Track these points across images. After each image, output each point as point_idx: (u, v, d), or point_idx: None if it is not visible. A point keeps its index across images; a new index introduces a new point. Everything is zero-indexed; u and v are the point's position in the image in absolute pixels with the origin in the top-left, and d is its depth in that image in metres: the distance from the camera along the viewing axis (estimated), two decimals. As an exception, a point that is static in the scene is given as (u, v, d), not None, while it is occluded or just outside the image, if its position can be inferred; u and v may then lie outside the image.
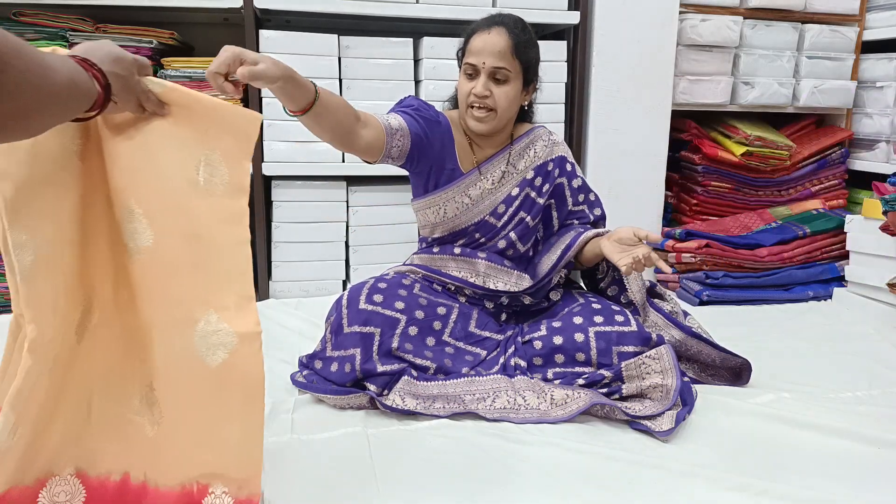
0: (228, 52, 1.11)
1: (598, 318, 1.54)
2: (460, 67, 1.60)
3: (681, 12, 2.44)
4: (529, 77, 1.60)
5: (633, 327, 1.53)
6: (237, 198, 0.96)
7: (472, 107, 1.56)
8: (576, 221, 1.73)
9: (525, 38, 1.55)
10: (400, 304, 1.52)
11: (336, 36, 2.21)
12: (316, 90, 1.31)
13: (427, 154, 1.59)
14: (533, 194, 1.66)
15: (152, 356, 1.01)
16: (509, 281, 1.66)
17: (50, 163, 0.94)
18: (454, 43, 2.26)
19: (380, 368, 1.44)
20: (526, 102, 1.66)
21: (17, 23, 2.05)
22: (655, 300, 1.73)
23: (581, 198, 1.73)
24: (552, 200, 1.71)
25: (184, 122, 0.96)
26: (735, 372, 1.63)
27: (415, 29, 2.41)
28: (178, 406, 1.00)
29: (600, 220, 1.76)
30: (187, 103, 0.96)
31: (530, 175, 1.66)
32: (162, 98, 0.95)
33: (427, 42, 2.25)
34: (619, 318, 1.55)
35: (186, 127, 0.96)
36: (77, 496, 1.00)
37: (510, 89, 1.55)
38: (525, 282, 1.66)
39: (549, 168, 1.68)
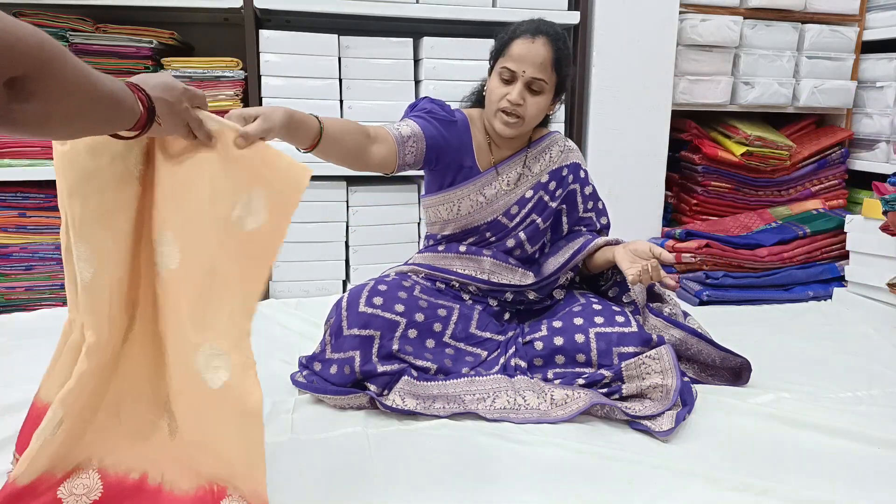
0: (233, 117, 1.06)
1: (599, 319, 1.54)
2: (492, 67, 1.59)
3: (681, 12, 2.44)
4: (561, 90, 1.60)
5: (634, 328, 1.53)
6: (268, 242, 0.96)
7: (503, 111, 1.55)
8: (583, 228, 1.75)
9: (566, 53, 1.55)
10: (400, 307, 1.52)
11: (336, 36, 2.21)
12: (320, 125, 1.29)
13: (445, 153, 1.60)
14: (546, 198, 1.67)
15: (168, 370, 1.05)
16: (514, 277, 1.67)
17: (115, 185, 1.02)
18: (454, 43, 2.27)
19: (380, 368, 1.44)
20: (551, 112, 1.67)
21: (17, 23, 2.06)
22: (654, 304, 1.73)
23: (590, 205, 1.75)
24: (564, 206, 1.72)
25: (234, 161, 0.98)
26: (735, 372, 1.62)
27: (415, 29, 2.41)
28: (187, 419, 1.04)
29: (605, 229, 1.78)
30: (232, 150, 0.98)
31: (545, 178, 1.67)
32: (216, 135, 0.99)
33: (427, 42, 2.25)
34: (620, 318, 1.55)
35: (235, 166, 0.98)
36: (94, 491, 1.03)
37: (542, 100, 1.55)
38: (529, 278, 1.67)
39: (564, 174, 1.69)
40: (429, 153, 1.56)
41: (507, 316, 1.71)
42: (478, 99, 1.72)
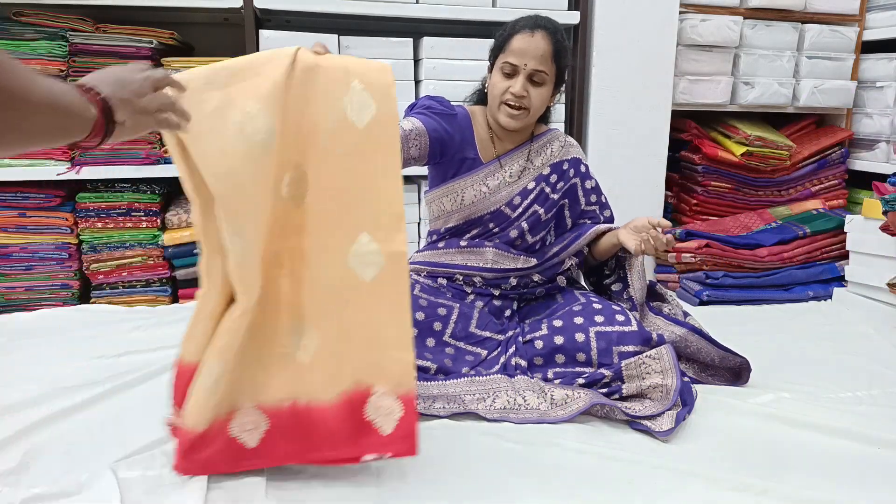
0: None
1: (599, 318, 1.55)
2: (493, 63, 1.63)
3: (681, 12, 2.44)
4: (560, 81, 1.65)
5: (634, 327, 1.53)
6: (386, 128, 1.12)
7: (508, 104, 1.59)
8: (587, 221, 1.78)
9: (565, 45, 1.60)
10: None
11: (336, 36, 2.21)
12: None
13: (449, 146, 1.63)
14: (547, 189, 1.69)
15: (309, 289, 1.16)
16: (517, 264, 1.69)
17: (258, 151, 1.08)
18: (454, 43, 2.27)
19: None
20: (552, 104, 1.70)
21: (17, 23, 2.06)
22: (655, 303, 1.73)
23: (593, 198, 1.77)
24: (566, 200, 1.74)
25: (324, 71, 1.12)
26: (735, 372, 1.63)
27: (415, 29, 2.40)
28: (338, 323, 1.15)
29: (609, 221, 1.80)
30: (315, 62, 1.12)
31: (546, 171, 1.70)
32: (298, 60, 1.10)
33: (427, 42, 2.25)
34: (620, 317, 1.55)
35: (326, 73, 1.12)
36: (262, 423, 1.16)
37: (544, 91, 1.60)
38: (533, 262, 1.70)
39: (565, 168, 1.72)
40: (433, 146, 1.59)
41: (507, 313, 1.71)
42: (480, 97, 1.75)
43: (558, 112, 2.40)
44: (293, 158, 1.13)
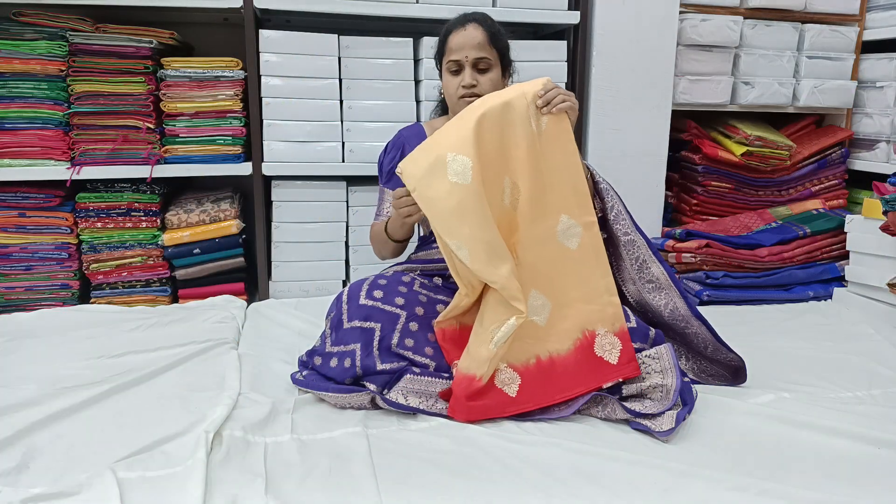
0: None
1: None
2: (440, 69, 1.72)
3: (681, 12, 2.44)
4: (506, 63, 1.73)
5: (633, 323, 1.53)
6: (558, 128, 1.48)
7: (463, 98, 1.64)
8: None
9: (497, 28, 1.69)
10: (400, 300, 1.53)
11: (336, 36, 2.21)
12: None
13: None
14: None
15: (533, 267, 1.46)
16: None
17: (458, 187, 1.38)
18: (454, 43, 2.27)
19: (380, 366, 1.44)
20: (505, 85, 1.74)
21: (17, 23, 2.06)
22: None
23: None
24: None
25: (510, 108, 1.44)
26: (733, 371, 1.63)
27: (415, 29, 2.41)
28: (561, 288, 1.48)
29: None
30: (506, 100, 1.45)
31: None
32: (492, 104, 1.44)
33: (427, 42, 2.25)
34: (620, 315, 1.56)
35: (513, 108, 1.44)
36: (515, 380, 1.44)
37: (493, 75, 1.67)
38: None
39: None
40: None
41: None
42: (444, 109, 1.82)
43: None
44: (503, 174, 1.45)
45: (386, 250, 1.75)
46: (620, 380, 1.44)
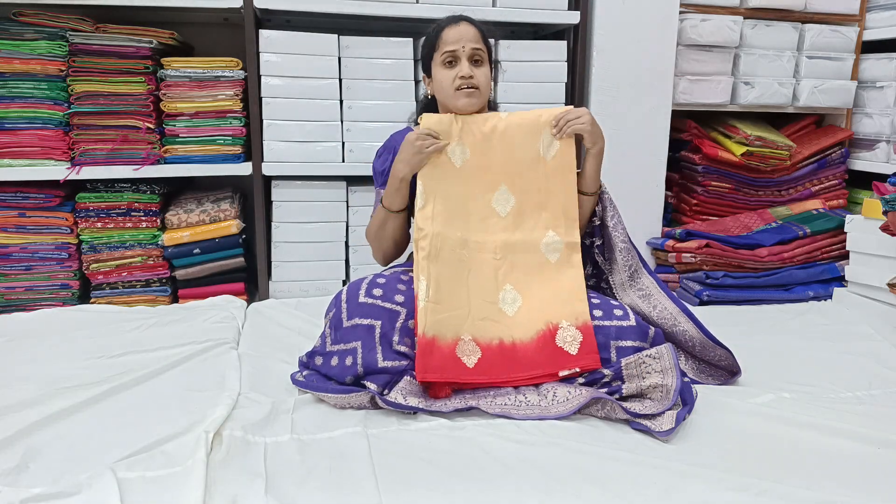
0: None
1: (598, 313, 1.56)
2: (429, 68, 1.70)
3: (681, 12, 2.44)
4: (493, 61, 1.78)
5: (632, 322, 1.53)
6: (564, 157, 1.63)
7: (460, 89, 1.63)
8: None
9: (485, 28, 1.72)
10: (400, 297, 1.53)
11: (336, 36, 2.21)
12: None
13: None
14: None
15: (515, 268, 1.62)
16: None
17: (443, 182, 1.62)
18: (454, 43, 2.26)
19: (381, 363, 1.44)
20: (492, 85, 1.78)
21: (17, 23, 2.06)
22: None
23: None
24: None
25: (520, 130, 1.64)
26: (731, 370, 1.63)
27: (415, 29, 2.40)
28: (535, 290, 1.61)
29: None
30: (518, 121, 1.64)
31: None
32: (509, 122, 1.64)
33: (427, 42, 2.25)
34: (618, 311, 1.56)
35: (523, 130, 1.64)
36: (475, 353, 1.51)
37: (486, 70, 1.68)
38: None
39: None
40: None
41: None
42: (425, 108, 1.78)
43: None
44: (499, 182, 1.64)
45: (385, 237, 1.71)
46: (577, 369, 1.48)
